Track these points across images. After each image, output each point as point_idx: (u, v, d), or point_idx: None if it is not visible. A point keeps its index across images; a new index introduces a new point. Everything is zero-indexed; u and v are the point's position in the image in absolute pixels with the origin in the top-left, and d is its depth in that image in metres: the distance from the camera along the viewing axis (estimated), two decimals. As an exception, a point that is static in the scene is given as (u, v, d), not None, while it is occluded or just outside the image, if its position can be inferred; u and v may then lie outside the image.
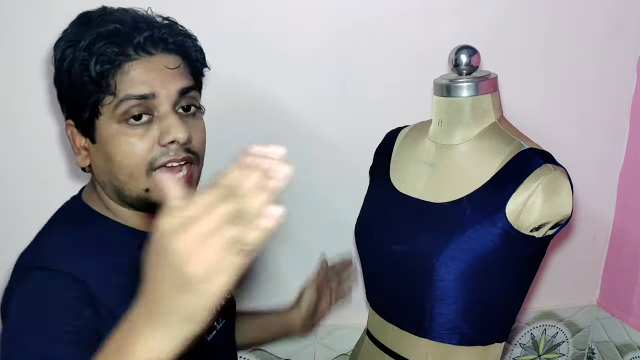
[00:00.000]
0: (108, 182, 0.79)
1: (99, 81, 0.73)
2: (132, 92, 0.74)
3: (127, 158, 0.75)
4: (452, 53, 0.96)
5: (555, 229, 0.92)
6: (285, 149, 0.53)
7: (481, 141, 0.95)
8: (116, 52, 0.73)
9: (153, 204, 0.77)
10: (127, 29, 0.75)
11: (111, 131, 0.75)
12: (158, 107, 0.76)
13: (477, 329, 0.94)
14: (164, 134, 0.75)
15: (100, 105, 0.75)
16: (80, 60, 0.73)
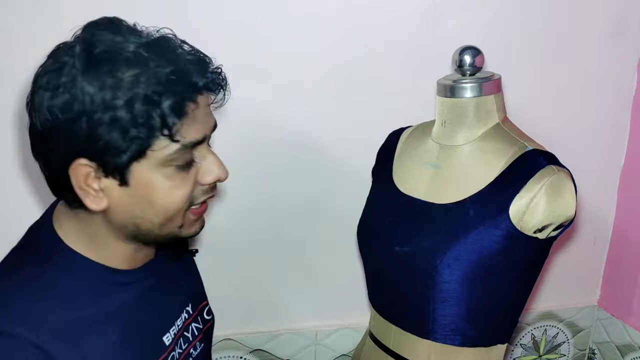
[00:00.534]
0: (132, 225, 0.73)
1: (166, 128, 0.67)
2: (190, 139, 0.70)
3: (171, 202, 0.72)
4: (455, 54, 0.96)
5: (559, 230, 0.92)
6: None
7: (485, 142, 0.95)
8: (186, 98, 0.68)
9: (177, 238, 0.77)
10: (196, 67, 0.70)
11: (154, 175, 0.70)
12: (199, 149, 0.73)
13: (480, 330, 0.94)
14: (207, 174, 0.74)
15: (150, 149, 0.68)
16: (146, 108, 0.66)
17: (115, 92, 0.65)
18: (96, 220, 0.74)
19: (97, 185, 0.70)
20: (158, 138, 0.67)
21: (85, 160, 0.68)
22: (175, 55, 0.69)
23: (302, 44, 1.21)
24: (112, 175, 0.69)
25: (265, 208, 1.29)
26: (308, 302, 1.39)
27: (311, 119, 1.26)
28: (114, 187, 0.70)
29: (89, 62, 0.66)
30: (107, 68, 0.66)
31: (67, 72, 0.66)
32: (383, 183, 1.07)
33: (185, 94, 0.68)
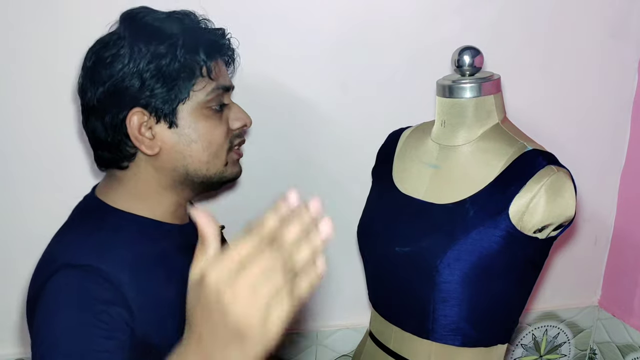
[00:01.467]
0: (182, 166, 0.84)
1: (203, 68, 0.82)
2: (222, 83, 0.85)
3: (214, 138, 0.84)
4: (455, 54, 0.96)
5: (559, 230, 0.92)
6: (320, 204, 0.54)
7: (484, 142, 0.95)
8: (215, 45, 0.85)
9: (223, 178, 0.88)
10: (213, 31, 0.86)
11: (197, 114, 0.83)
12: (226, 99, 0.88)
13: (480, 331, 0.94)
14: (236, 120, 0.88)
15: (192, 90, 0.81)
16: (185, 52, 0.80)
17: (160, 45, 0.79)
18: (142, 175, 0.84)
19: (149, 134, 0.81)
20: (198, 78, 0.81)
21: (140, 108, 0.80)
22: (199, 21, 0.86)
23: (302, 43, 1.21)
24: (163, 119, 0.81)
25: (266, 208, 1.29)
26: (309, 302, 1.39)
27: (311, 119, 1.26)
28: (164, 131, 0.82)
29: (135, 29, 0.80)
30: (151, 30, 0.80)
31: (115, 44, 0.80)
32: (383, 183, 1.07)
33: (213, 48, 0.84)
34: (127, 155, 0.83)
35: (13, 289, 1.21)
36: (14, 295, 1.21)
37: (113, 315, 0.73)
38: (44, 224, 1.11)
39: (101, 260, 0.76)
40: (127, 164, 0.84)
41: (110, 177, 0.87)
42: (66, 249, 0.79)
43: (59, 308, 0.72)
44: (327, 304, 1.40)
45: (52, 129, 1.16)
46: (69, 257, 0.77)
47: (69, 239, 0.81)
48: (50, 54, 1.11)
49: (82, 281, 0.74)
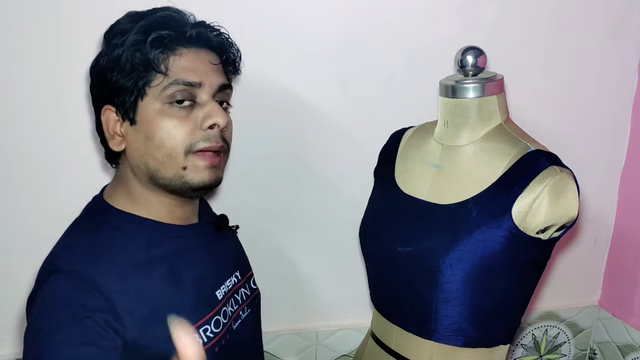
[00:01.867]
0: (143, 165, 0.82)
1: (153, 62, 0.79)
2: (182, 77, 0.80)
3: (168, 138, 0.80)
4: (458, 54, 0.96)
5: (562, 231, 0.92)
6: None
7: (487, 143, 0.95)
8: (172, 37, 0.80)
9: (186, 184, 0.83)
10: (180, 21, 0.83)
11: (155, 111, 0.80)
12: (200, 95, 0.82)
13: (482, 331, 0.94)
14: (206, 118, 0.82)
15: (148, 87, 0.80)
16: (134, 43, 0.79)
17: (118, 41, 0.80)
18: (127, 175, 0.85)
19: (119, 130, 0.83)
20: (154, 75, 0.80)
21: (109, 105, 0.82)
22: (176, 13, 0.84)
23: (302, 44, 1.21)
24: (126, 116, 0.81)
25: (266, 208, 1.29)
26: (309, 302, 1.39)
27: (311, 119, 1.26)
28: (128, 128, 0.82)
29: (108, 30, 0.83)
30: (116, 29, 0.82)
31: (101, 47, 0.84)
32: (385, 183, 1.07)
33: (171, 34, 0.80)
34: (112, 153, 0.86)
35: (12, 289, 1.21)
36: (13, 296, 1.21)
37: (99, 323, 0.72)
38: (44, 224, 1.11)
39: (92, 267, 0.76)
40: (117, 162, 0.87)
41: (114, 177, 0.89)
42: (63, 252, 0.80)
43: (45, 313, 0.72)
44: (327, 304, 1.40)
45: (52, 129, 1.15)
46: (62, 261, 0.78)
47: (69, 241, 0.82)
48: (50, 54, 1.11)
49: (70, 288, 0.74)
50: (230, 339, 0.89)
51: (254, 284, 1.03)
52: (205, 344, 0.83)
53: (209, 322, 0.85)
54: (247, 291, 0.99)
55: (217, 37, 0.86)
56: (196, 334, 0.82)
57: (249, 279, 1.02)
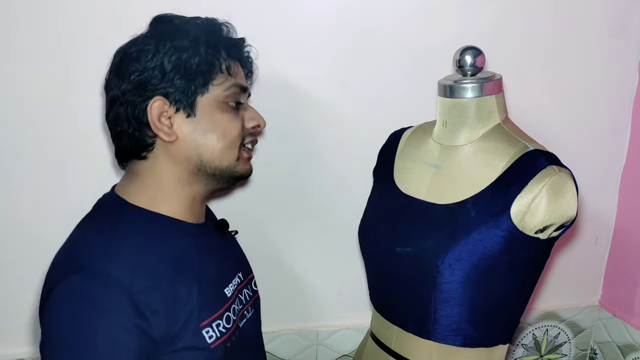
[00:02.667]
0: (195, 155, 0.87)
1: (224, 65, 0.88)
2: (239, 82, 0.90)
3: (229, 130, 0.88)
4: (456, 54, 0.96)
5: (560, 230, 0.92)
6: None
7: (486, 142, 0.95)
8: (237, 49, 0.92)
9: (234, 174, 0.91)
10: (235, 38, 0.93)
11: (214, 106, 0.87)
12: (243, 99, 0.93)
13: (481, 331, 0.94)
14: (251, 119, 0.93)
15: (211, 84, 0.86)
16: (206, 47, 0.86)
17: (184, 40, 0.85)
18: (160, 167, 0.87)
19: (168, 122, 0.85)
20: (217, 74, 0.87)
21: (160, 97, 0.84)
22: (222, 26, 0.92)
23: (302, 44, 1.21)
24: (182, 109, 0.85)
25: (267, 209, 1.29)
26: (309, 302, 1.39)
27: (312, 119, 1.26)
28: (182, 121, 0.86)
29: (162, 28, 0.88)
30: (176, 28, 0.87)
31: (143, 41, 0.86)
32: (384, 184, 1.07)
33: (233, 50, 0.91)
34: (146, 145, 0.86)
35: (12, 289, 1.21)
36: (12, 296, 1.22)
37: (123, 321, 0.75)
38: (43, 224, 1.11)
39: (114, 266, 0.77)
40: (146, 154, 0.87)
41: (129, 173, 0.90)
42: (82, 251, 0.80)
43: (68, 313, 0.74)
44: (327, 304, 1.40)
45: (51, 129, 1.15)
46: (83, 261, 0.78)
47: (85, 237, 0.83)
48: (50, 54, 1.11)
49: (93, 287, 0.75)
50: (238, 336, 0.92)
51: (255, 286, 1.06)
52: (218, 338, 0.85)
53: (221, 318, 0.87)
54: (249, 292, 1.02)
55: (248, 53, 0.96)
56: (210, 328, 0.85)
57: (250, 281, 1.04)
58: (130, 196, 0.87)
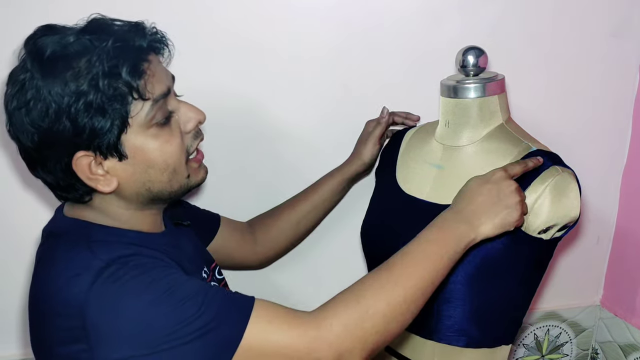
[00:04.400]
0: (145, 191, 0.81)
1: (136, 91, 0.74)
2: (158, 92, 0.77)
3: (170, 157, 0.79)
4: (459, 54, 0.96)
5: (563, 231, 0.92)
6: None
7: (489, 143, 0.95)
8: (139, 58, 0.75)
9: (188, 188, 0.85)
10: (129, 37, 0.76)
11: (144, 138, 0.77)
12: (170, 102, 0.80)
13: (484, 331, 0.94)
14: (187, 121, 0.82)
15: (130, 117, 0.75)
16: (109, 81, 0.72)
17: (78, 80, 0.71)
18: (108, 204, 0.81)
19: (101, 170, 0.77)
20: (131, 103, 0.74)
21: (82, 152, 0.75)
22: (110, 30, 0.76)
23: (303, 44, 1.21)
24: (110, 155, 0.76)
25: (267, 209, 1.28)
26: (311, 303, 1.39)
27: (313, 120, 1.25)
28: (116, 166, 0.77)
29: (43, 67, 0.72)
30: (61, 65, 0.72)
31: (29, 86, 0.72)
32: (386, 184, 1.06)
33: (137, 57, 0.75)
34: (86, 192, 0.79)
35: (11, 290, 1.21)
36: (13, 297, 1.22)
37: (169, 266, 0.77)
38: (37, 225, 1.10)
39: (118, 252, 0.74)
40: (90, 198, 0.81)
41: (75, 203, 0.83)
42: (82, 264, 0.73)
43: (131, 294, 0.71)
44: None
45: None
46: (93, 263, 0.73)
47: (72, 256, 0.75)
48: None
49: (123, 263, 0.73)
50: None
51: (219, 274, 1.02)
52: None
53: None
54: (215, 283, 0.99)
55: (155, 36, 0.80)
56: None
57: (214, 270, 1.01)
58: (89, 218, 0.81)
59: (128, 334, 0.70)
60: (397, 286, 0.78)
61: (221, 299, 0.74)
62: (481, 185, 0.86)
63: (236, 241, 1.15)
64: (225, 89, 1.17)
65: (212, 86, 1.16)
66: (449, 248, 0.82)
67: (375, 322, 0.76)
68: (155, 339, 0.70)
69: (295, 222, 1.18)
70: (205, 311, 0.71)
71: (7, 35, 0.95)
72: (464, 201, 0.86)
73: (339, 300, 0.78)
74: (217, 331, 0.71)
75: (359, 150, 1.17)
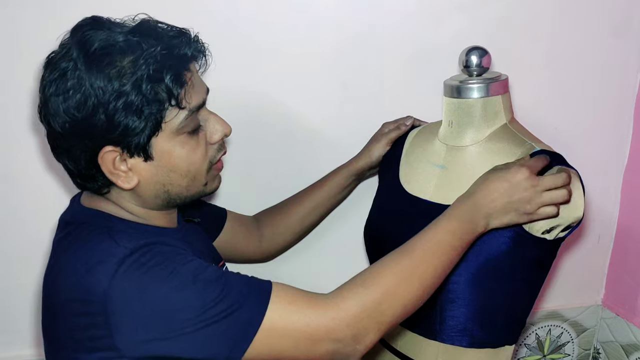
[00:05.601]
0: (163, 193, 0.83)
1: (174, 98, 0.77)
2: (194, 104, 0.80)
3: (193, 165, 0.83)
4: (462, 54, 0.96)
5: (567, 231, 0.92)
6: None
7: (492, 143, 0.95)
8: (182, 67, 0.78)
9: (204, 194, 0.88)
10: (179, 40, 0.79)
11: (173, 144, 0.80)
12: (201, 113, 0.84)
13: (487, 332, 0.94)
14: (214, 134, 0.85)
15: (164, 122, 0.77)
16: (151, 85, 0.75)
17: (121, 79, 0.73)
18: (125, 200, 0.83)
19: (124, 167, 0.79)
20: (168, 109, 0.77)
21: (110, 147, 0.77)
22: (158, 34, 0.78)
23: (305, 43, 1.20)
24: (137, 154, 0.78)
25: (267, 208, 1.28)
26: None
27: (314, 119, 1.25)
28: (140, 164, 0.79)
29: (89, 60, 0.74)
30: (107, 61, 0.74)
31: (71, 75, 0.74)
32: (389, 184, 1.06)
33: (180, 65, 0.78)
34: (105, 184, 0.81)
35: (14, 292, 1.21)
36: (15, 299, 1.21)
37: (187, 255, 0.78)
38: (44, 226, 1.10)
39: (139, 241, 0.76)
40: (108, 190, 0.83)
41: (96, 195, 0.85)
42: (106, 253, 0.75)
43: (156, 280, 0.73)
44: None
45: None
46: (116, 251, 0.74)
47: (94, 247, 0.77)
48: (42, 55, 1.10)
49: (145, 252, 0.75)
50: None
51: None
52: None
53: None
54: None
55: (197, 45, 0.82)
56: None
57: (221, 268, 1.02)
58: (108, 210, 0.83)
59: (153, 318, 0.72)
60: (415, 272, 0.81)
61: (241, 283, 0.77)
62: (502, 181, 0.86)
63: (242, 235, 1.17)
64: (224, 89, 1.17)
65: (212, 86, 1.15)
66: (463, 241, 0.85)
67: (391, 304, 0.80)
68: (180, 322, 0.72)
69: (302, 217, 1.19)
70: (227, 294, 0.74)
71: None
72: (482, 192, 0.87)
73: (358, 282, 0.81)
74: (240, 312, 0.74)
75: (369, 148, 1.18)
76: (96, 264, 0.74)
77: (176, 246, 0.80)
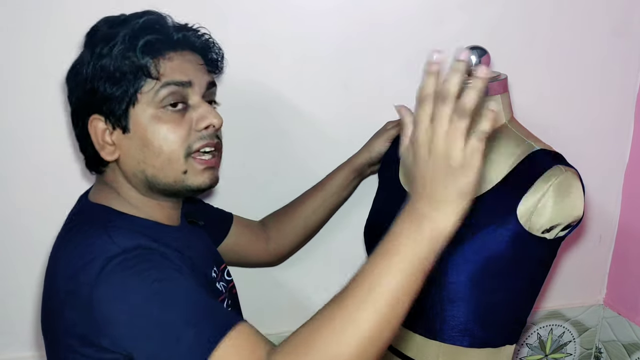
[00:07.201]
0: (140, 172, 0.83)
1: (145, 67, 0.79)
2: (173, 78, 0.81)
3: (166, 143, 0.81)
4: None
5: (567, 230, 0.92)
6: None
7: (492, 142, 0.95)
8: (160, 41, 0.81)
9: (187, 187, 0.84)
10: (164, 26, 0.84)
11: (148, 117, 0.81)
12: (191, 97, 0.83)
13: (488, 331, 0.94)
14: (200, 120, 0.83)
15: (139, 93, 0.80)
16: (123, 50, 0.79)
17: (103, 46, 0.80)
18: (117, 180, 0.85)
19: (110, 139, 0.82)
20: (145, 81, 0.80)
21: (96, 115, 0.81)
22: (158, 17, 0.84)
23: (305, 43, 1.21)
24: (118, 125, 0.81)
25: (268, 209, 1.28)
26: (314, 303, 1.38)
27: (315, 120, 1.25)
28: (121, 138, 0.82)
29: (89, 38, 0.83)
30: (99, 35, 0.82)
31: (78, 57, 0.84)
32: (389, 184, 1.06)
33: (159, 38, 0.81)
34: (93, 157, 0.85)
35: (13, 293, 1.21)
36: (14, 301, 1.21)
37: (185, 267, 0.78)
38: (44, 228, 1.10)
39: (135, 241, 0.77)
40: (103, 169, 0.86)
41: (100, 182, 0.89)
42: (99, 249, 0.76)
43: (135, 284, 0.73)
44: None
45: (50, 132, 1.15)
46: (108, 248, 0.75)
47: (89, 242, 0.78)
48: (45, 56, 1.10)
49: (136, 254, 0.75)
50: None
51: (227, 275, 1.03)
52: None
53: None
54: (224, 284, 1.00)
55: (200, 39, 0.88)
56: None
57: (223, 271, 1.02)
58: (110, 204, 0.85)
59: (124, 321, 0.73)
60: (358, 323, 0.72)
61: (206, 312, 0.74)
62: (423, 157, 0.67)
63: (248, 240, 1.17)
64: (224, 89, 1.17)
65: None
66: (413, 255, 0.70)
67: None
68: (143, 331, 0.72)
69: (306, 217, 1.19)
70: (188, 320, 0.71)
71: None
72: (417, 186, 0.68)
73: (301, 341, 0.73)
74: (189, 339, 0.70)
75: (369, 144, 1.18)
76: (91, 260, 0.75)
77: (168, 257, 0.78)
